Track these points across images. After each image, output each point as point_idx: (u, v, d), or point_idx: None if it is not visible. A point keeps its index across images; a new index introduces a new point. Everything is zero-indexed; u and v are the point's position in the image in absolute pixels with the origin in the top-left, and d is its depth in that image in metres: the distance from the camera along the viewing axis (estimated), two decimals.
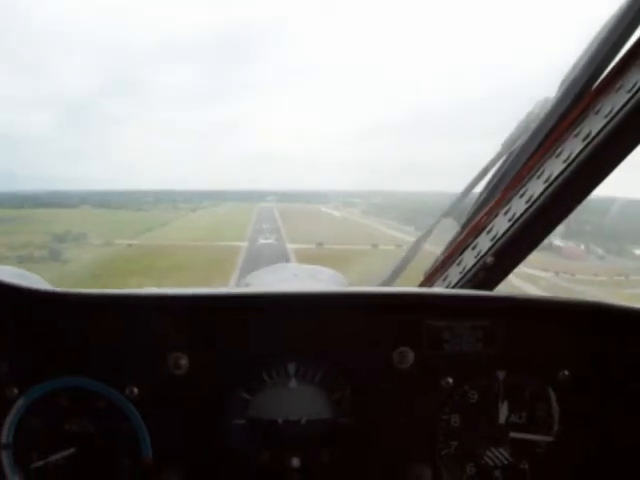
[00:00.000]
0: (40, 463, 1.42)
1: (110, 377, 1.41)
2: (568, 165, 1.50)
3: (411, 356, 1.40)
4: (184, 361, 1.39)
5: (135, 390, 1.40)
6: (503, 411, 1.45)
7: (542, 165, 1.63)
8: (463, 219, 1.95)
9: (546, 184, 1.54)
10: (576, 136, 1.54)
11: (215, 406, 1.41)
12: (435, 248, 2.09)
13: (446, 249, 1.97)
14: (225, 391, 1.42)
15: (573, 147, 1.52)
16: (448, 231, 2.02)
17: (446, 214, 2.03)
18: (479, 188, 1.91)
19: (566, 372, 1.43)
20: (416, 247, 2.14)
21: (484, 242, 1.76)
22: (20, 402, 1.40)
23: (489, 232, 1.75)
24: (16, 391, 1.40)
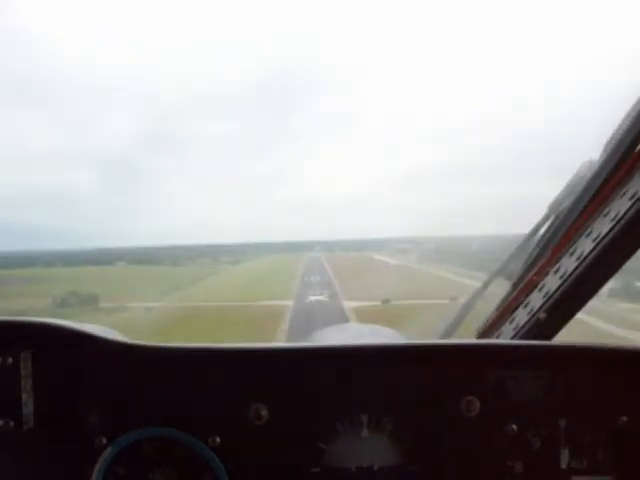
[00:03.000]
0: None
1: (193, 427, 1.53)
2: (616, 224, 1.63)
3: (477, 405, 1.52)
4: (264, 412, 1.52)
5: (217, 440, 1.52)
6: (564, 457, 1.54)
7: (591, 224, 1.77)
8: (514, 278, 2.09)
9: (595, 242, 1.68)
10: (622, 196, 1.67)
11: (293, 455, 1.54)
12: (484, 306, 2.26)
13: (498, 307, 2.12)
14: (302, 441, 1.55)
15: (620, 206, 1.66)
16: (497, 290, 2.19)
17: (497, 274, 2.19)
18: (529, 249, 2.07)
19: (624, 418, 1.53)
20: (469, 304, 2.30)
21: (536, 299, 1.89)
22: (108, 451, 1.52)
23: (540, 290, 1.89)
24: (104, 440, 1.52)
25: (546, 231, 2.00)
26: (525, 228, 2.17)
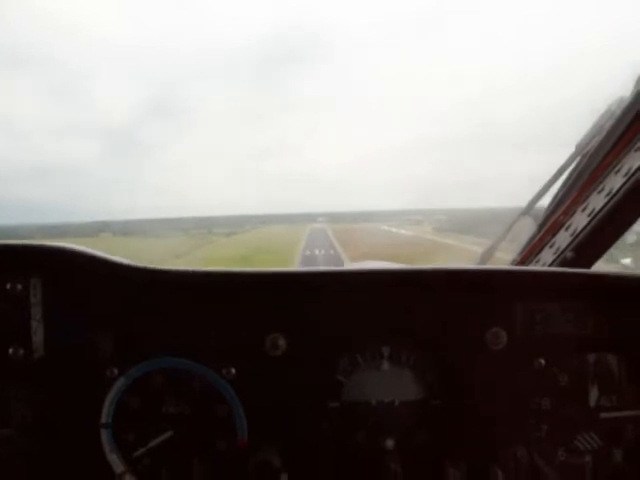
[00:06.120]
0: (141, 451, 1.57)
1: (207, 358, 1.56)
2: None
3: (504, 337, 1.55)
4: (282, 342, 1.55)
5: (232, 371, 1.56)
6: (593, 394, 1.59)
7: (620, 161, 1.82)
8: (540, 219, 2.16)
9: (625, 177, 1.73)
10: None
11: (311, 388, 1.58)
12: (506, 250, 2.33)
13: (524, 248, 2.19)
14: (320, 373, 1.58)
15: None
16: (524, 230, 2.25)
17: (523, 213, 2.24)
18: (555, 188, 2.13)
19: None
20: (493, 247, 2.35)
21: (563, 239, 1.95)
22: (120, 382, 1.56)
23: (567, 229, 1.95)
24: (116, 371, 1.56)
25: (573, 170, 2.05)
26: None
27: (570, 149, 2.06)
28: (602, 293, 1.60)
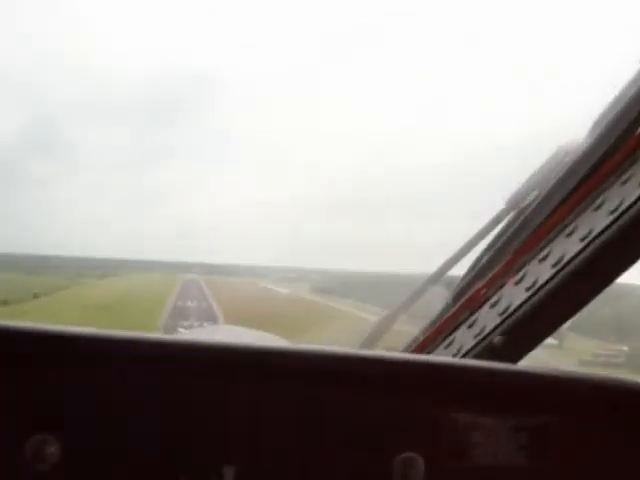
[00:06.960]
0: None
1: None
2: (615, 219, 1.35)
3: (421, 466, 1.06)
4: (53, 448, 1.00)
5: None
6: None
7: (574, 220, 1.51)
8: (455, 288, 1.82)
9: (584, 242, 1.40)
10: (624, 183, 1.41)
11: None
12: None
13: (431, 324, 1.79)
14: None
15: (623, 195, 1.38)
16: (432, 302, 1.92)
17: (432, 281, 1.90)
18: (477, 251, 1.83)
19: None
20: (394, 316, 1.96)
21: (488, 318, 1.59)
22: None
23: (494, 305, 1.59)
24: None
25: (503, 230, 1.75)
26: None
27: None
28: (570, 404, 1.13)
